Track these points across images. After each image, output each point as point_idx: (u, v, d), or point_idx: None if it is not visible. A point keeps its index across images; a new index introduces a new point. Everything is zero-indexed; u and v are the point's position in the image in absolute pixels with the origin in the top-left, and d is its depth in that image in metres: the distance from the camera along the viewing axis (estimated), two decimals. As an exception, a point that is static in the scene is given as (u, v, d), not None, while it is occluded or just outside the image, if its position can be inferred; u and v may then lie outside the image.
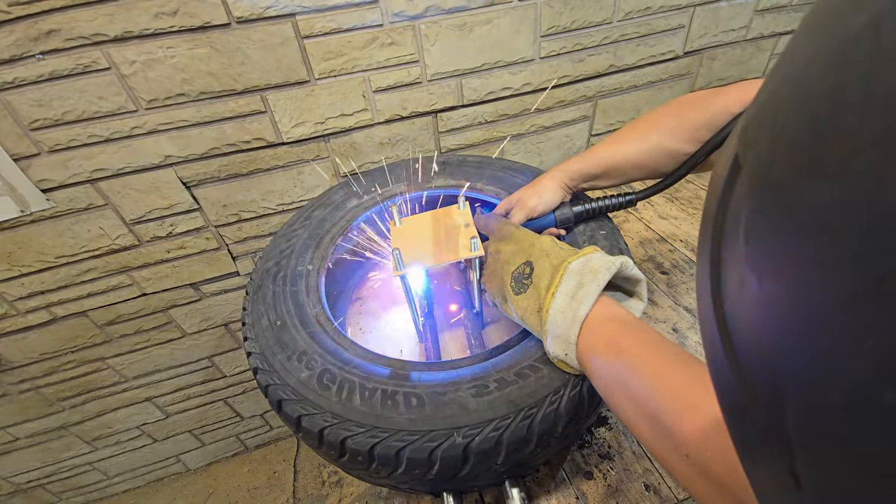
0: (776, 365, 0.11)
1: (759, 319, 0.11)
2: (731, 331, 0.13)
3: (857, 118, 0.09)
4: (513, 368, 0.47)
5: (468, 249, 0.56)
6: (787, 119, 0.11)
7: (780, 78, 0.12)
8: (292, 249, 0.66)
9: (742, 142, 0.13)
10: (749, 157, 0.13)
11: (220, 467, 1.44)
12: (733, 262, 0.13)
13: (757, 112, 0.13)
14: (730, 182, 0.13)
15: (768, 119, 0.12)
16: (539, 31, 0.89)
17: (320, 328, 0.55)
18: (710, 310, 0.14)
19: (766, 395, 0.11)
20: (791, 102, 0.11)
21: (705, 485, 0.30)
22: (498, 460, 0.44)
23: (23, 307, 0.89)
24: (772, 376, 0.11)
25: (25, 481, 1.21)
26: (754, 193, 0.12)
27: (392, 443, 0.42)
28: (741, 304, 0.12)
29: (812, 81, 0.11)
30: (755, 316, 0.11)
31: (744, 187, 0.12)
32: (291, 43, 0.76)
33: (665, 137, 0.53)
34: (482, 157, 0.82)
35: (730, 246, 0.13)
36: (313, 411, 0.46)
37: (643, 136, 0.55)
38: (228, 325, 1.10)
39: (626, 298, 0.49)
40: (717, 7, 1.00)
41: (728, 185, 0.13)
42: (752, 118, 0.13)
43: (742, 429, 0.13)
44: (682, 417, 0.31)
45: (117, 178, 0.80)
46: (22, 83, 0.67)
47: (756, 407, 0.12)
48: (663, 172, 0.56)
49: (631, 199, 0.61)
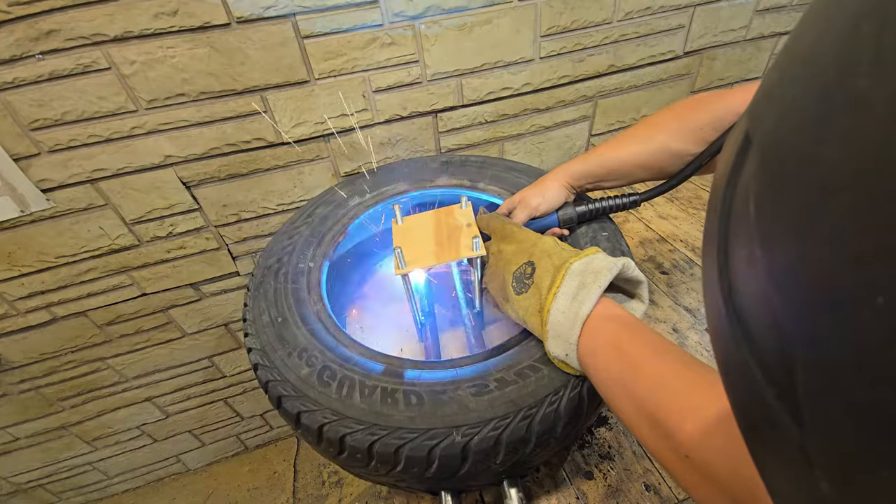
0: (786, 333, 0.10)
1: (768, 290, 0.11)
2: (739, 309, 0.12)
3: (866, 80, 0.09)
4: (513, 368, 0.47)
5: (469, 249, 0.56)
6: (795, 90, 0.11)
7: (788, 55, 0.13)
8: (294, 246, 0.67)
9: (752, 118, 0.13)
10: (759, 131, 0.13)
11: (220, 467, 1.44)
12: (742, 238, 0.12)
13: (766, 89, 0.13)
14: (739, 159, 0.13)
15: (777, 93, 0.12)
16: (539, 31, 0.89)
17: (321, 325, 0.55)
18: (717, 292, 0.14)
19: (776, 367, 0.11)
20: (799, 74, 0.11)
21: (706, 486, 0.30)
22: (497, 460, 0.44)
23: (23, 307, 0.89)
24: (781, 345, 0.11)
25: (25, 481, 1.21)
26: (764, 163, 0.12)
27: (391, 440, 0.42)
28: (749, 280, 0.12)
29: (820, 52, 0.11)
30: (764, 287, 0.11)
31: (754, 161, 0.12)
32: (291, 43, 0.76)
33: (670, 138, 0.53)
34: (485, 158, 0.83)
35: (738, 221, 0.13)
36: (313, 408, 0.46)
37: (648, 137, 0.55)
38: (228, 325, 1.10)
39: (628, 300, 0.49)
40: (717, 7, 1.00)
41: (738, 162, 0.13)
42: (762, 95, 0.13)
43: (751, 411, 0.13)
44: (682, 418, 0.31)
45: (117, 178, 0.80)
46: (22, 83, 0.67)
47: (767, 381, 0.11)
48: (668, 173, 0.55)
49: (635, 200, 0.60)
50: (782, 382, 0.11)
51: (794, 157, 0.11)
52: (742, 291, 0.12)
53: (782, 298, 0.11)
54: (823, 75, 0.10)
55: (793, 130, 0.11)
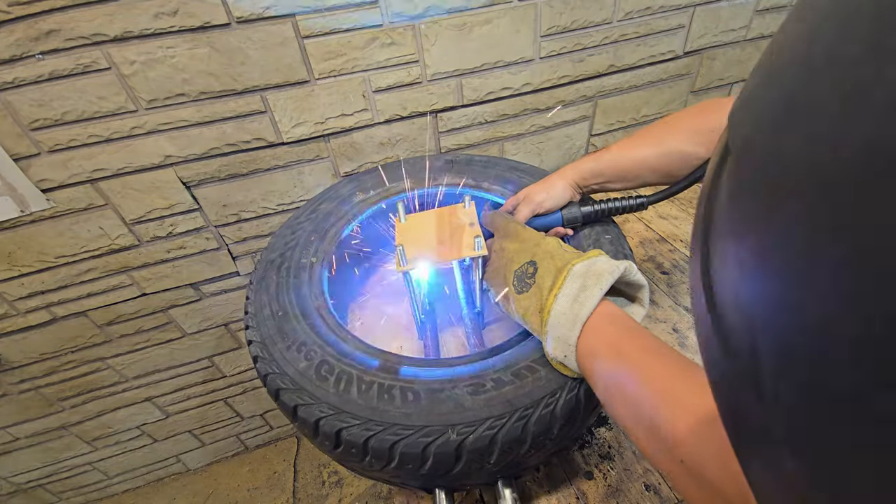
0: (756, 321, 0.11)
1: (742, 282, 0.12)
2: (718, 304, 0.13)
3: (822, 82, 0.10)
4: (510, 368, 0.47)
5: (471, 248, 0.56)
6: (767, 96, 0.12)
7: (760, 67, 0.14)
8: (297, 241, 0.67)
9: (731, 126, 0.14)
10: (737, 138, 0.13)
11: (220, 467, 1.44)
12: (722, 239, 0.13)
13: (742, 98, 0.14)
14: (720, 166, 0.14)
15: (752, 102, 0.13)
16: (539, 31, 0.89)
17: (321, 320, 0.56)
18: (700, 291, 0.14)
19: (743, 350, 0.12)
20: (770, 82, 0.12)
21: (700, 490, 0.29)
22: (491, 459, 0.43)
23: (23, 307, 0.90)
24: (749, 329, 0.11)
25: (25, 481, 1.21)
26: (739, 165, 0.13)
27: (386, 436, 0.42)
28: (727, 276, 0.13)
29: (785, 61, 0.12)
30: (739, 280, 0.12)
31: (731, 166, 0.13)
32: (291, 43, 0.76)
33: (682, 141, 0.52)
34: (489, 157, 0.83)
35: (718, 223, 0.14)
36: (310, 401, 0.46)
37: (660, 139, 0.54)
38: (228, 325, 1.10)
39: (629, 304, 0.48)
40: (717, 7, 1.00)
41: (718, 169, 0.14)
42: (739, 105, 0.14)
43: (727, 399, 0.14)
44: (677, 422, 0.31)
45: (117, 178, 0.80)
46: (22, 83, 0.68)
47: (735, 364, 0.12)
48: (677, 177, 0.55)
49: (642, 203, 0.59)
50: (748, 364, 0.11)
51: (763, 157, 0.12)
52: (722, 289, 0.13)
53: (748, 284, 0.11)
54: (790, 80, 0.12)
55: (764, 134, 0.12)
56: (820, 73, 0.10)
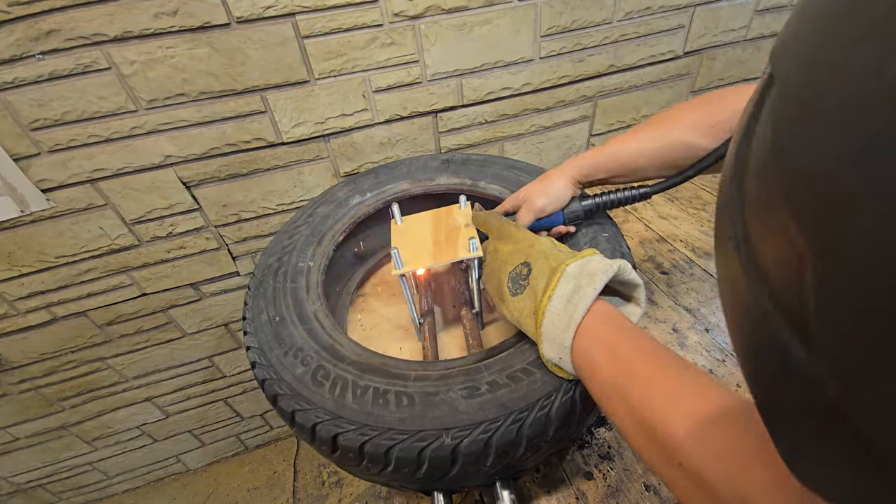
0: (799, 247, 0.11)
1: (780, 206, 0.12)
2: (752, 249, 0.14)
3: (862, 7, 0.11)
4: (505, 371, 0.47)
5: (467, 250, 0.56)
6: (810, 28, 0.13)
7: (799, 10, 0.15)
8: (294, 246, 0.67)
9: (773, 58, 0.15)
10: (780, 66, 0.14)
11: (220, 467, 1.44)
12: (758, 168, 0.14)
13: (784, 34, 0.15)
14: (762, 95, 0.15)
15: (793, 35, 0.14)
16: (539, 31, 0.89)
17: (318, 325, 0.56)
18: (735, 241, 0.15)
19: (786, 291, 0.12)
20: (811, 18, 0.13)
21: (698, 493, 0.29)
22: (487, 463, 0.43)
23: (23, 307, 0.90)
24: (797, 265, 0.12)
25: (25, 481, 1.21)
26: (786, 91, 0.13)
27: (381, 441, 0.42)
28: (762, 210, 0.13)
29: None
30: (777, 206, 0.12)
31: (775, 92, 0.14)
32: (291, 43, 0.76)
33: (686, 132, 0.51)
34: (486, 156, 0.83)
35: (759, 150, 0.14)
36: (307, 407, 0.46)
37: (663, 130, 0.53)
38: (228, 325, 1.10)
39: (624, 303, 0.48)
40: (717, 7, 1.00)
41: (760, 98, 0.15)
42: (781, 41, 0.15)
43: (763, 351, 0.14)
44: (675, 424, 0.31)
45: (117, 178, 0.80)
46: (22, 83, 0.68)
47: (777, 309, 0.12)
48: (680, 167, 0.53)
49: (645, 193, 0.57)
50: (792, 305, 0.12)
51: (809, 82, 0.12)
52: (754, 223, 0.13)
53: (792, 210, 0.12)
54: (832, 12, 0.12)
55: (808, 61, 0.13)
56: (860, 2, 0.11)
